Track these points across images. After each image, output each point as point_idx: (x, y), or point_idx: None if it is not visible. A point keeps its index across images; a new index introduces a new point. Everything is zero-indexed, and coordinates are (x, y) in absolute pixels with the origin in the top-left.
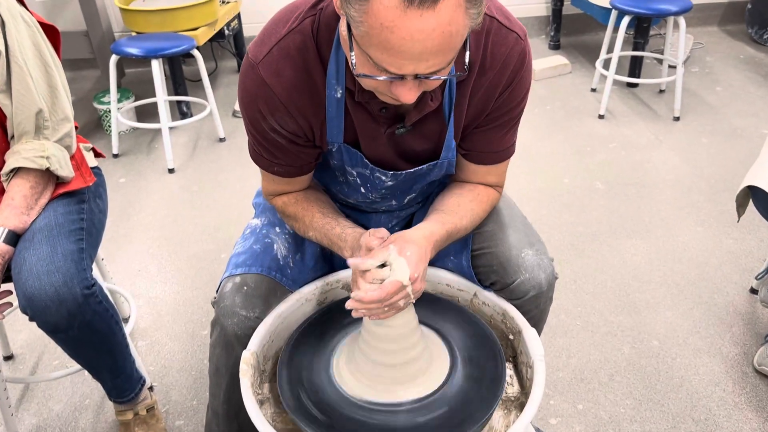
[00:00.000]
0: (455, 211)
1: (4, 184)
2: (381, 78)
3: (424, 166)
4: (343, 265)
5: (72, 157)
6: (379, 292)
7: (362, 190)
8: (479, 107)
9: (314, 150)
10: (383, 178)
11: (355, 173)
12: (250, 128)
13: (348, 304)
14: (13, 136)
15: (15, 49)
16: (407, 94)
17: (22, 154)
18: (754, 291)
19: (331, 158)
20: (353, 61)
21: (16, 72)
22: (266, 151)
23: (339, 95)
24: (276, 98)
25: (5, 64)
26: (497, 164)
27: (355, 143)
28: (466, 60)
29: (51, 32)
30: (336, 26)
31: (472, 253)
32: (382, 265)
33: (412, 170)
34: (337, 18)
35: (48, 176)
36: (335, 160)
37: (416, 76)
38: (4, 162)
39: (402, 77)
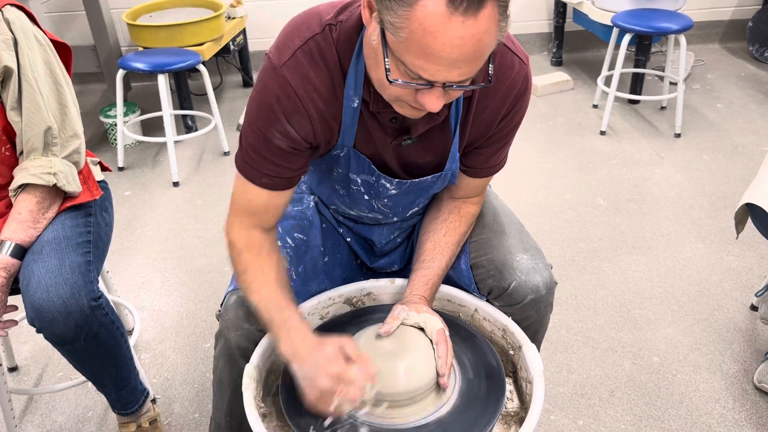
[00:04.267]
0: (432, 256)
1: (12, 200)
2: (413, 85)
3: (429, 177)
4: (345, 280)
5: (79, 172)
6: (444, 345)
7: (365, 197)
8: (482, 128)
9: (309, 158)
10: (388, 185)
11: (359, 181)
12: (250, 134)
13: (444, 383)
14: (21, 152)
15: (26, 68)
16: (434, 102)
17: (30, 170)
18: (754, 308)
19: (336, 165)
20: (387, 67)
21: (26, 90)
22: (260, 159)
23: (355, 105)
24: (298, 100)
25: (17, 82)
26: (490, 176)
27: (364, 149)
28: (490, 71)
29: (63, 50)
30: (356, 39)
31: (469, 261)
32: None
33: (417, 180)
34: (357, 31)
35: (55, 191)
36: (341, 167)
37: (444, 85)
38: (13, 177)
39: (431, 85)
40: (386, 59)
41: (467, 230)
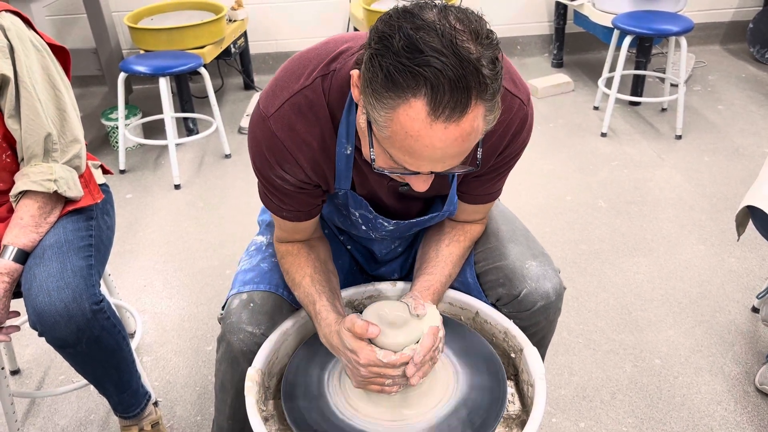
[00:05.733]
0: (435, 264)
1: (14, 205)
2: (398, 173)
3: (426, 216)
4: (347, 284)
5: (80, 175)
6: (433, 339)
7: (363, 228)
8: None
9: (321, 194)
10: (385, 224)
11: (357, 214)
12: (258, 175)
13: (410, 373)
14: (22, 159)
15: (24, 75)
16: (421, 186)
17: (30, 177)
18: (755, 310)
19: (336, 199)
20: (372, 157)
21: (24, 97)
22: (274, 197)
23: (348, 152)
24: (286, 151)
25: (14, 90)
26: (486, 204)
27: (361, 191)
28: (479, 156)
29: (61, 53)
30: (348, 90)
31: (476, 270)
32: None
33: (414, 220)
34: (350, 82)
35: (56, 196)
36: (340, 200)
37: (430, 171)
38: (14, 183)
39: (417, 172)
40: (372, 148)
41: (470, 245)
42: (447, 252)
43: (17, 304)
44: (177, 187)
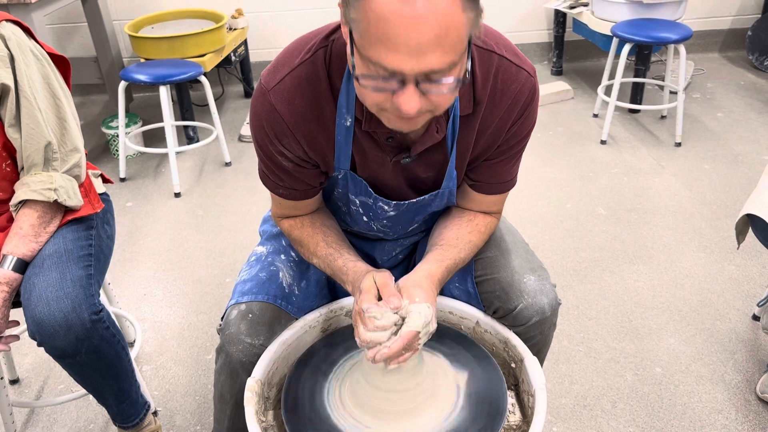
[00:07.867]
0: (454, 245)
1: (14, 214)
2: (380, 79)
3: (426, 196)
4: (347, 293)
5: (80, 185)
6: (399, 342)
7: (364, 219)
8: (489, 141)
9: (320, 175)
10: (386, 207)
11: (358, 202)
12: (258, 150)
13: (368, 356)
14: (22, 168)
15: (24, 84)
16: (409, 102)
17: (31, 186)
18: (756, 318)
19: (336, 186)
20: (353, 63)
21: (25, 106)
22: (272, 174)
23: (348, 124)
24: (284, 124)
25: (15, 99)
26: (502, 194)
27: (361, 172)
28: (468, 67)
29: (61, 63)
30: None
31: (474, 279)
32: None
33: (414, 200)
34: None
35: (56, 206)
36: (340, 188)
37: (417, 83)
38: (14, 192)
39: (402, 82)
40: (353, 56)
41: (484, 241)
42: (468, 239)
43: (17, 314)
44: (177, 195)
